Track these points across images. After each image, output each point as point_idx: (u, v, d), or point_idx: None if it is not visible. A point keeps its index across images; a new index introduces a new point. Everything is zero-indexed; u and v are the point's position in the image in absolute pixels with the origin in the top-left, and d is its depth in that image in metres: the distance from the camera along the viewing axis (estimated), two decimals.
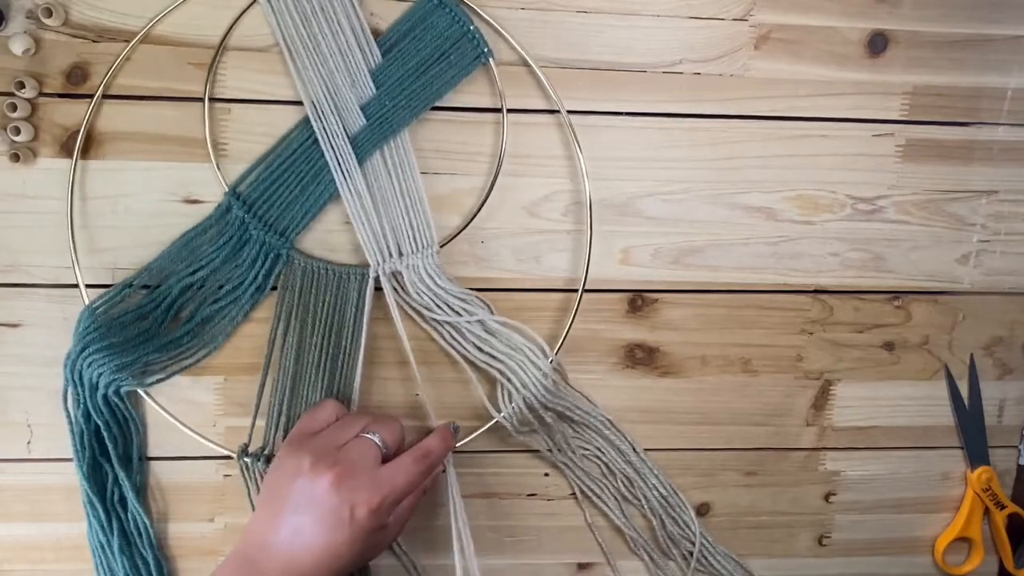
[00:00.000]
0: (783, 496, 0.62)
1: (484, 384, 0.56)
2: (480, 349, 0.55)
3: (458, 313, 0.54)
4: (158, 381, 0.53)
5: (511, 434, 0.56)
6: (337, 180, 0.52)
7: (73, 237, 0.52)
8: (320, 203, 0.53)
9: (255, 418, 0.54)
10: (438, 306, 0.54)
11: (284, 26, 0.51)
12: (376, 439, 0.49)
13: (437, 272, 0.54)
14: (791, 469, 0.62)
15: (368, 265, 0.54)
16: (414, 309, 0.55)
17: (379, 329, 0.55)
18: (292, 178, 0.52)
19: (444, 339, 0.55)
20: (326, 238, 0.54)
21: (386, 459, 0.49)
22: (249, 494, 0.55)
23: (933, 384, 0.62)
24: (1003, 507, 0.63)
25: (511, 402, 0.55)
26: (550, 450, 0.58)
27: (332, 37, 0.51)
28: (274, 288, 0.54)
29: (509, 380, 0.55)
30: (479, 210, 0.55)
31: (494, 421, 0.55)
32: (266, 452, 0.54)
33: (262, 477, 0.53)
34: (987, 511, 0.64)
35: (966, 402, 0.62)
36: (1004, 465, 0.64)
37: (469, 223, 0.55)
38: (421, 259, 0.54)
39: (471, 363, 0.55)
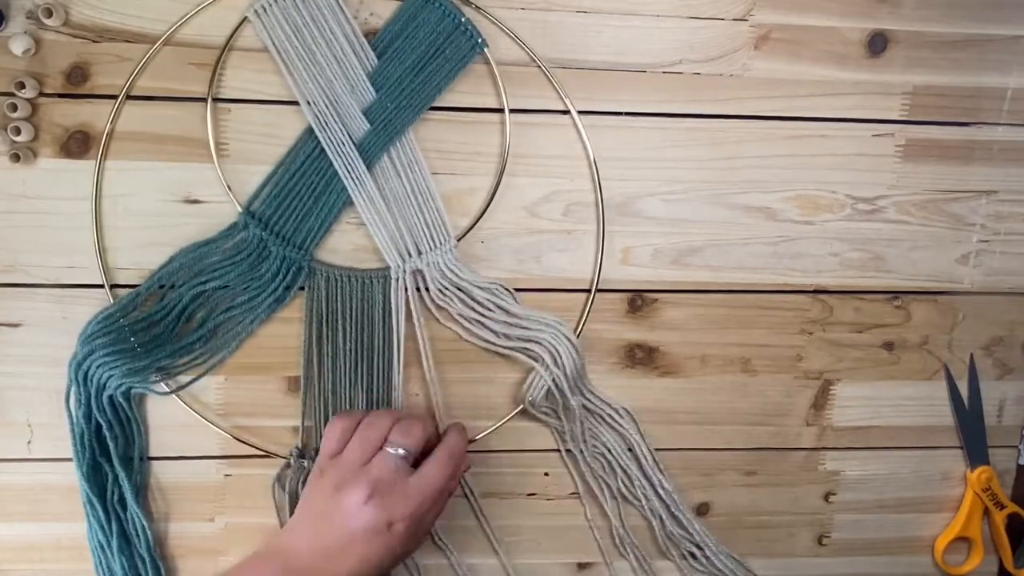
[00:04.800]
0: (783, 496, 0.62)
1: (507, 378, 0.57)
2: (508, 336, 0.55)
3: (482, 304, 0.55)
4: (176, 389, 0.53)
5: (533, 411, 0.57)
6: (349, 188, 0.52)
7: (98, 237, 0.52)
8: (334, 211, 0.53)
9: (303, 423, 0.55)
10: (462, 300, 0.54)
11: (277, 40, 0.51)
12: (399, 452, 0.49)
13: (457, 266, 0.54)
14: (791, 469, 0.62)
15: (389, 267, 0.54)
16: (438, 306, 0.55)
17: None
18: (304, 190, 0.52)
19: (472, 331, 0.55)
20: (326, 239, 0.54)
21: (415, 463, 0.50)
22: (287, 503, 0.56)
23: (933, 384, 0.62)
24: (1003, 507, 0.63)
25: (546, 370, 0.55)
26: (563, 438, 0.58)
27: (326, 46, 0.51)
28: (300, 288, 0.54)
29: (541, 355, 0.55)
30: (486, 209, 0.55)
31: (519, 408, 0.56)
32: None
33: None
34: (987, 511, 0.64)
35: (966, 402, 0.62)
36: (1004, 465, 0.64)
37: (476, 223, 0.55)
38: (440, 255, 0.54)
39: (498, 353, 0.56)
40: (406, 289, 0.54)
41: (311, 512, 0.49)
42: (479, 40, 0.52)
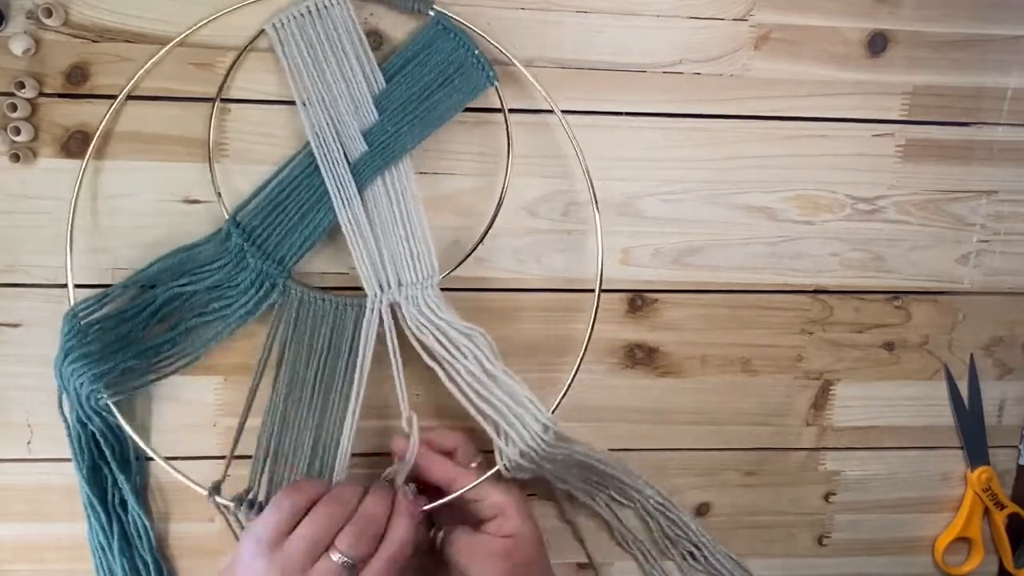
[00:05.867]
0: (783, 496, 0.62)
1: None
2: (479, 394, 0.51)
3: (458, 347, 0.52)
4: (134, 388, 0.52)
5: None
6: (336, 207, 0.51)
7: (71, 237, 0.52)
8: (319, 231, 0.52)
9: (231, 456, 0.53)
10: (438, 340, 0.52)
11: (290, 55, 0.50)
12: (344, 561, 0.45)
13: (437, 304, 0.52)
14: (791, 469, 0.62)
15: (366, 296, 0.52)
16: (419, 342, 0.52)
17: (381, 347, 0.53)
18: (292, 205, 0.52)
19: (445, 374, 0.52)
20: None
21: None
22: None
23: (933, 384, 0.62)
24: (1003, 507, 0.63)
25: (509, 458, 0.51)
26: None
27: (336, 64, 0.51)
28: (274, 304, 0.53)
29: (507, 434, 0.51)
30: (496, 214, 0.54)
31: (495, 469, 0.52)
32: (250, 497, 0.51)
33: (240, 524, 0.53)
34: (987, 511, 0.64)
35: (966, 402, 0.62)
36: (1004, 465, 0.64)
37: (488, 229, 0.54)
38: (420, 290, 0.52)
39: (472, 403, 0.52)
40: (382, 322, 0.52)
41: None
42: (490, 73, 0.52)
